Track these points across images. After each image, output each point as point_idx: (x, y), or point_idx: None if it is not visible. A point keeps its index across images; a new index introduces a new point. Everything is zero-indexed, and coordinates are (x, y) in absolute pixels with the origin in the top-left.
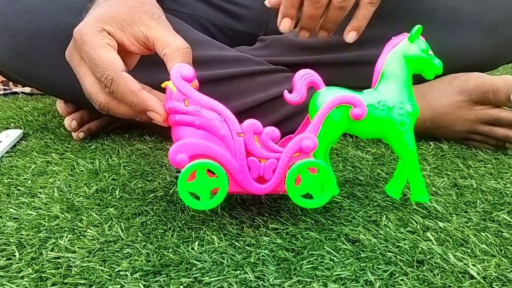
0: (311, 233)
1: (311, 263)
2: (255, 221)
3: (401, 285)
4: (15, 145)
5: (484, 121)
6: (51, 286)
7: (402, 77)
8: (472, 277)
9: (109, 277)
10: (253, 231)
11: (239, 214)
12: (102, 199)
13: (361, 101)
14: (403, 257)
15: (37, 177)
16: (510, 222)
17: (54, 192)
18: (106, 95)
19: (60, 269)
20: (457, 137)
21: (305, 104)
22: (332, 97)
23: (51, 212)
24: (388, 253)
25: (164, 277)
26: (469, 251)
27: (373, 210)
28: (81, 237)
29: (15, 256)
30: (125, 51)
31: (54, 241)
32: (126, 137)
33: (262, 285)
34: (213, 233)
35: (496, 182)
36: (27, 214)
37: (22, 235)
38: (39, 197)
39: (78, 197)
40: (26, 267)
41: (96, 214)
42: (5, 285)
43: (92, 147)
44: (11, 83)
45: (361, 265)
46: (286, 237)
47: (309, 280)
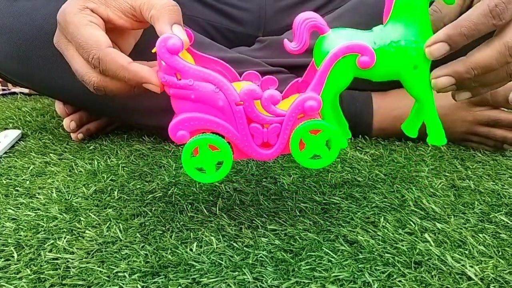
0: (309, 234)
1: (309, 264)
2: (254, 222)
3: (399, 286)
4: (13, 146)
5: (482, 123)
6: (50, 287)
7: (416, 8)
8: (469, 279)
9: (107, 278)
10: (251, 232)
11: (238, 215)
12: (100, 200)
13: (369, 48)
14: (401, 259)
15: (36, 178)
16: (507, 223)
17: (52, 192)
18: (98, 74)
19: (58, 270)
20: (455, 138)
21: None
22: (338, 44)
23: (50, 213)
24: (386, 255)
25: (162, 278)
26: (466, 252)
27: (371, 211)
28: (79, 238)
29: (13, 257)
30: (115, 30)
31: (52, 242)
32: (124, 138)
33: (260, 286)
34: (212, 234)
35: (494, 183)
36: (26, 214)
37: (20, 235)
38: (37, 198)
39: (76, 198)
40: (24, 268)
41: (94, 215)
42: (4, 286)
43: (90, 148)
44: (9, 84)
45: (359, 266)
46: (284, 238)
47: (307, 281)
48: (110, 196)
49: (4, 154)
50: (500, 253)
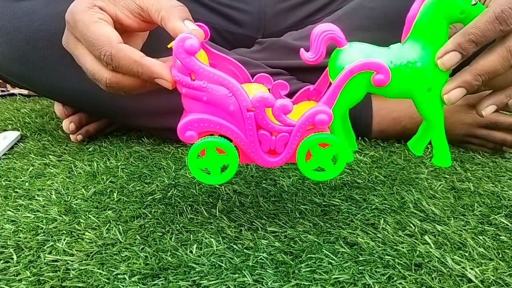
0: (309, 236)
1: (309, 266)
2: (254, 224)
3: None
4: (12, 147)
5: (481, 125)
6: None
7: (439, 37)
8: (470, 281)
9: (107, 281)
10: (251, 234)
11: (238, 217)
12: (100, 202)
13: (385, 67)
14: (401, 261)
15: (35, 180)
16: (507, 225)
17: (52, 194)
18: (109, 71)
19: (58, 272)
20: (455, 141)
21: None
22: (354, 59)
23: (49, 214)
24: (386, 257)
25: (162, 281)
26: (467, 254)
27: (371, 213)
28: (79, 240)
29: (12, 259)
30: (123, 29)
31: (52, 244)
32: (124, 139)
33: None
34: (211, 236)
35: (493, 185)
36: (25, 216)
37: (19, 237)
38: (36, 200)
39: (76, 200)
40: (24, 270)
41: (94, 216)
42: None
43: (90, 150)
44: (8, 85)
45: (359, 268)
46: (284, 240)
47: (307, 283)
48: (109, 198)
49: (3, 155)
50: (500, 255)
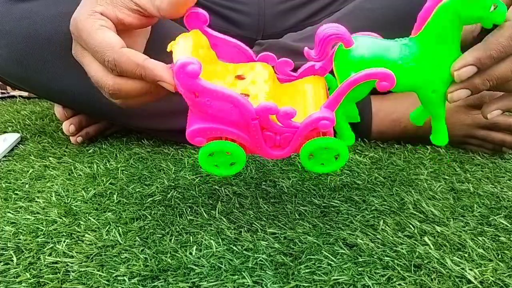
0: (308, 237)
1: (308, 267)
2: (253, 225)
3: None
4: (12, 149)
5: (480, 126)
6: None
7: (451, 41)
8: (469, 282)
9: (107, 282)
10: (251, 235)
11: (237, 218)
12: (100, 204)
13: (390, 75)
14: (400, 262)
15: (35, 182)
16: (507, 226)
17: (52, 196)
18: (112, 79)
19: (58, 274)
20: (454, 142)
21: None
22: (362, 61)
23: (49, 216)
24: (385, 258)
25: (162, 282)
26: (466, 255)
27: (370, 214)
28: (79, 241)
29: (12, 261)
30: (127, 28)
31: (52, 245)
32: (124, 141)
33: None
34: (211, 237)
35: (493, 186)
36: (25, 218)
37: (20, 239)
38: (36, 202)
39: (76, 202)
40: (24, 272)
41: (94, 218)
42: None
43: (90, 151)
44: (8, 87)
45: (359, 269)
46: (284, 241)
47: (307, 285)
48: (109, 199)
49: (3, 157)
50: (499, 256)
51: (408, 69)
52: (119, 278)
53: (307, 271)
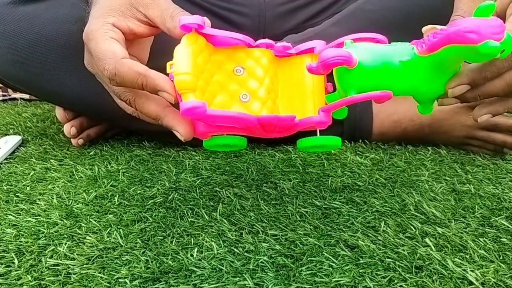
0: (310, 239)
1: (310, 269)
2: (254, 227)
3: None
4: (14, 152)
5: (481, 127)
6: None
7: (449, 65)
8: (470, 283)
9: (108, 285)
10: (252, 237)
11: (238, 220)
12: (101, 206)
13: (388, 95)
14: (402, 263)
15: (36, 184)
16: (508, 227)
17: (53, 198)
18: (131, 92)
19: (59, 276)
20: (455, 143)
21: None
22: (366, 82)
23: (50, 218)
24: (387, 259)
25: (163, 284)
26: (467, 257)
27: (371, 216)
28: (80, 244)
29: (14, 263)
30: (138, 37)
31: (53, 248)
32: (125, 143)
33: None
34: (212, 239)
35: (494, 187)
36: (26, 221)
37: (21, 242)
38: (38, 204)
39: (77, 204)
40: (25, 275)
41: (95, 220)
42: None
43: (91, 153)
44: (10, 89)
45: (360, 271)
46: (285, 243)
47: (308, 286)
48: (110, 201)
49: (4, 160)
50: (501, 258)
51: (405, 79)
52: (120, 280)
53: (308, 273)
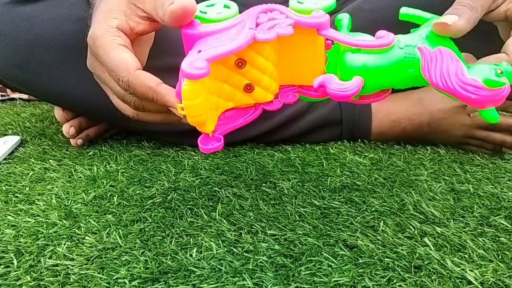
0: (309, 239)
1: (309, 269)
2: (253, 227)
3: None
4: (13, 152)
5: (480, 126)
6: None
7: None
8: (469, 283)
9: (107, 285)
10: (251, 237)
11: (237, 220)
12: (100, 206)
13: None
14: (401, 263)
15: (35, 184)
16: (507, 227)
17: (52, 199)
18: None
19: (58, 276)
20: (454, 142)
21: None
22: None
23: (49, 219)
24: (386, 259)
25: (162, 285)
26: (466, 256)
27: (370, 215)
28: (79, 244)
29: (13, 263)
30: (139, 35)
31: (52, 248)
32: (124, 143)
33: None
34: (211, 239)
35: (493, 186)
36: (25, 221)
37: (20, 242)
38: (37, 204)
39: (76, 204)
40: (24, 275)
41: (94, 221)
42: None
43: (90, 154)
44: (8, 89)
45: (359, 271)
46: (284, 243)
47: (307, 286)
48: (109, 202)
49: (3, 160)
50: (500, 257)
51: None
52: (119, 280)
53: (307, 272)
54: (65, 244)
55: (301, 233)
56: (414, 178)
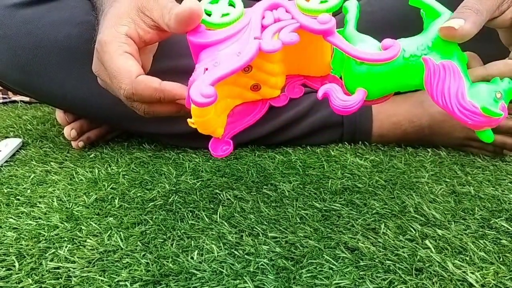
0: (310, 241)
1: (310, 272)
2: (254, 229)
3: None
4: (14, 154)
5: None
6: None
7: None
8: (470, 285)
9: (108, 287)
10: (252, 239)
11: (238, 222)
12: (101, 208)
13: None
14: (402, 265)
15: (37, 187)
16: (508, 229)
17: (53, 201)
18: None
19: (60, 279)
20: (455, 144)
21: (306, 110)
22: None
23: (51, 221)
24: (387, 261)
25: (163, 287)
26: (467, 258)
27: (371, 218)
28: (80, 247)
29: (14, 266)
30: (147, 44)
31: (53, 251)
32: (125, 145)
33: None
34: (212, 242)
35: (494, 189)
36: (27, 224)
37: (21, 245)
38: (38, 207)
39: (77, 207)
40: (26, 278)
41: (95, 223)
42: None
43: (91, 156)
44: (10, 92)
45: (360, 273)
46: (285, 245)
47: None
48: (111, 204)
49: (5, 163)
50: (501, 259)
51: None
52: (121, 283)
53: (308, 275)
54: (66, 246)
55: (302, 235)
56: (415, 180)
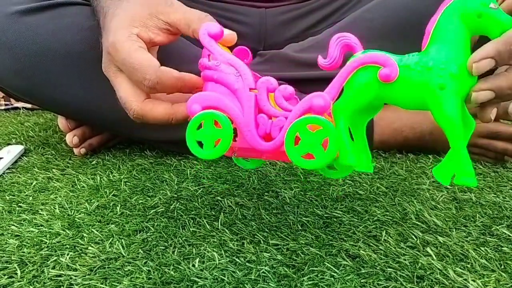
0: (311, 248)
1: (311, 279)
2: (256, 237)
3: None
4: (16, 161)
5: (482, 135)
6: None
7: (455, 39)
8: None
9: None
10: (253, 247)
11: (240, 229)
12: (103, 216)
13: (391, 61)
14: (403, 273)
15: (39, 194)
16: (509, 236)
17: (55, 208)
18: (139, 102)
19: (61, 287)
20: None
21: None
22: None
23: (53, 229)
24: (388, 269)
25: None
26: (468, 266)
27: (373, 225)
28: (82, 254)
29: (16, 274)
30: (154, 45)
31: (55, 258)
32: (127, 152)
33: None
34: (214, 249)
35: (495, 195)
36: (29, 231)
37: (23, 252)
38: (40, 214)
39: (79, 214)
40: (28, 286)
41: (97, 231)
42: None
43: (93, 163)
44: (12, 99)
45: (362, 281)
46: (286, 253)
47: None
48: (112, 211)
49: (7, 169)
50: (502, 267)
51: (409, 70)
52: None
53: (310, 283)
54: (68, 254)
55: (303, 242)
56: (416, 187)
